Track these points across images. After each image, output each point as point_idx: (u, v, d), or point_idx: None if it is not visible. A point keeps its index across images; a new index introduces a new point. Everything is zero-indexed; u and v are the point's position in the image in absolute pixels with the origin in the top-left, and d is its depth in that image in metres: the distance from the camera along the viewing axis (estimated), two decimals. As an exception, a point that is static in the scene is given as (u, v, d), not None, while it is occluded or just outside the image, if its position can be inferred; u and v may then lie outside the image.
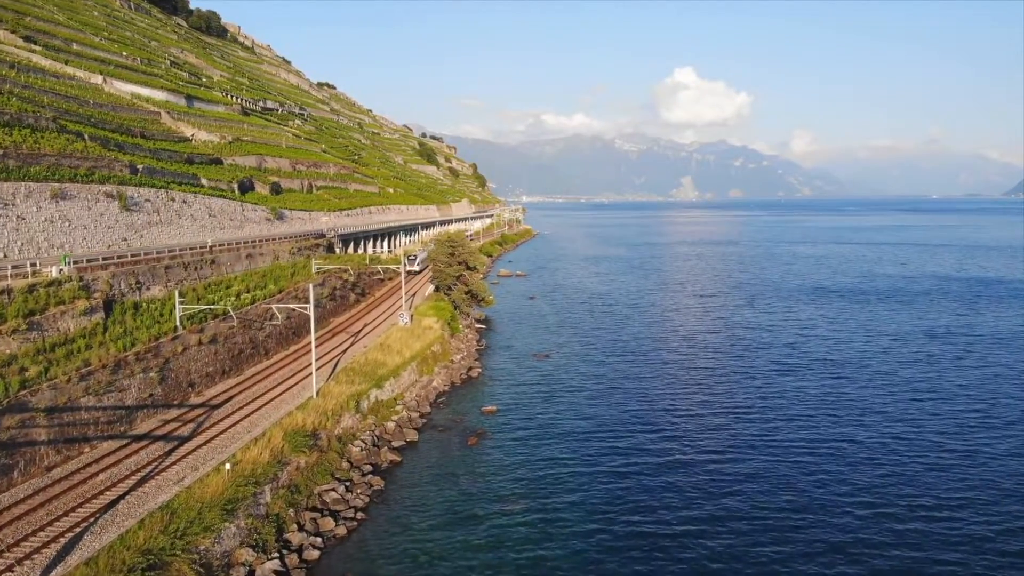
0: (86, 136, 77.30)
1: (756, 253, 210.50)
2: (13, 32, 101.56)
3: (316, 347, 60.83)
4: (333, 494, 36.64)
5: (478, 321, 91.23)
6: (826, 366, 69.34)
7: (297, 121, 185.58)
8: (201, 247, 62.28)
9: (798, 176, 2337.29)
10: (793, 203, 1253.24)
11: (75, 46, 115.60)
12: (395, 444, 45.14)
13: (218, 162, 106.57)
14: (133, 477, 32.89)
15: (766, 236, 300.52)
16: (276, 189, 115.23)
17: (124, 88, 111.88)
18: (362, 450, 42.37)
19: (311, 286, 49.86)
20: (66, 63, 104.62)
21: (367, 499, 37.29)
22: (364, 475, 39.82)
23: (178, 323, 46.91)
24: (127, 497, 30.86)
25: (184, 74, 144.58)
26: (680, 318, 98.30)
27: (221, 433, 38.71)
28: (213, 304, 50.50)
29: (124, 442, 37.05)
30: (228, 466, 33.25)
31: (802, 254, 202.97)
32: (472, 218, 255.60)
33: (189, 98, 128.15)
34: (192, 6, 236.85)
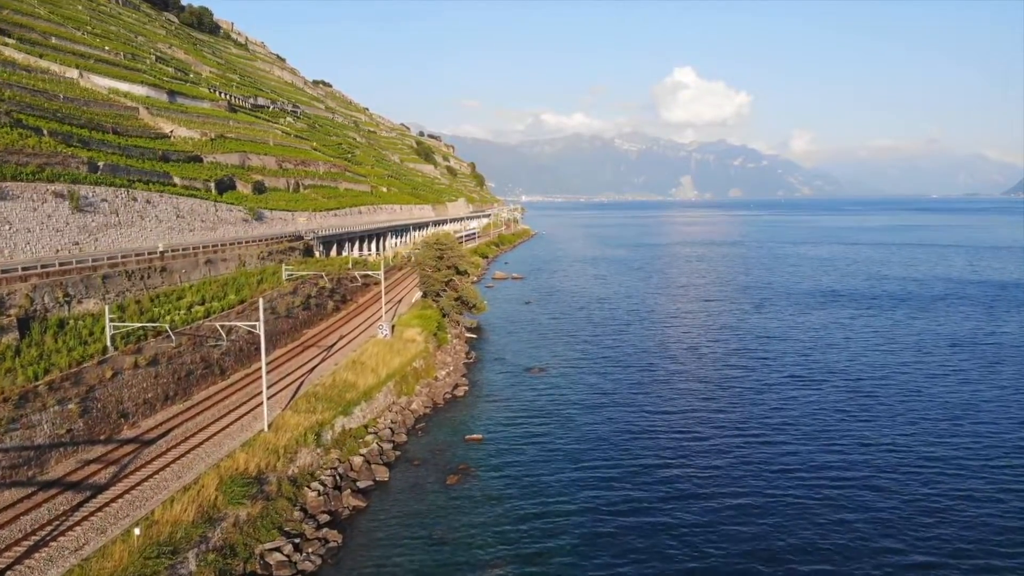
0: (45, 131, 71.51)
1: (759, 254, 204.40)
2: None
3: (281, 365, 54.65)
4: (278, 555, 30.47)
5: (469, 329, 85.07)
6: (844, 380, 63.27)
7: (288, 118, 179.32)
8: (150, 253, 55.84)
9: (798, 176, 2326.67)
10: (793, 203, 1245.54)
11: (53, 40, 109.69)
12: (361, 484, 38.91)
13: (197, 160, 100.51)
14: (24, 542, 26.75)
15: (768, 236, 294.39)
16: (259, 188, 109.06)
17: (101, 83, 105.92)
18: (320, 494, 36.14)
19: (260, 300, 43.32)
20: (41, 56, 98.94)
21: (319, 560, 31.01)
22: (319, 527, 33.57)
23: (109, 343, 40.60)
24: (8, 573, 24.81)
25: (170, 70, 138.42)
26: (684, 325, 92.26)
27: (145, 480, 32.34)
28: (155, 320, 44.27)
29: (29, 491, 30.88)
30: (137, 531, 27.09)
31: (807, 255, 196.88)
32: (468, 218, 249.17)
33: (172, 94, 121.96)
34: (184, 2, 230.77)
